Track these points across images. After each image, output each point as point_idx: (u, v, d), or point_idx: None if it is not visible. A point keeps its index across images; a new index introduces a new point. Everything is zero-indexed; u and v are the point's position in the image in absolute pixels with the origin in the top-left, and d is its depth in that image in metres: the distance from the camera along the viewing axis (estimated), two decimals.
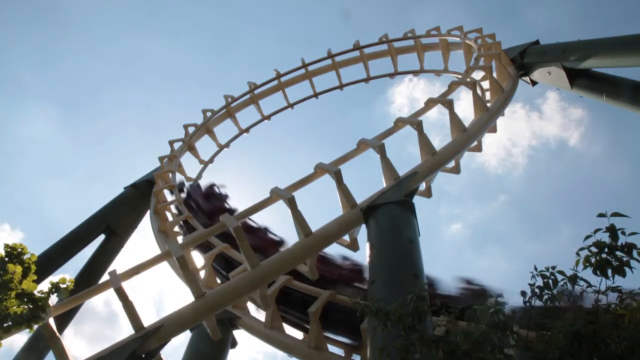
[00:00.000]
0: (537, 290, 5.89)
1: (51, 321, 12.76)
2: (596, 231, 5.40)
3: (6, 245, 9.25)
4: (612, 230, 5.34)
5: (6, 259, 9.11)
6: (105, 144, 64.76)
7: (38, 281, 9.39)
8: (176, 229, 22.94)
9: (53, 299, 9.91)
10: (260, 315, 17.78)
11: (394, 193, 14.34)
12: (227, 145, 32.46)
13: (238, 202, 28.23)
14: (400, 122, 16.51)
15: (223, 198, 27.40)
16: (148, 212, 25.40)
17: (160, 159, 27.56)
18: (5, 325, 9.06)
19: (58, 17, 58.94)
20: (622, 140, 54.94)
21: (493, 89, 21.42)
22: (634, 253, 5.31)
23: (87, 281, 20.71)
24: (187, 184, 27.92)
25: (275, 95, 33.39)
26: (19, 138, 56.96)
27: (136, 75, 64.89)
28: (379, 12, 63.61)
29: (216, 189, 28.01)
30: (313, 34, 64.77)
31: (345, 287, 17.34)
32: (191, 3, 64.83)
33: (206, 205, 25.43)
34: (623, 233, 5.33)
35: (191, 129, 30.57)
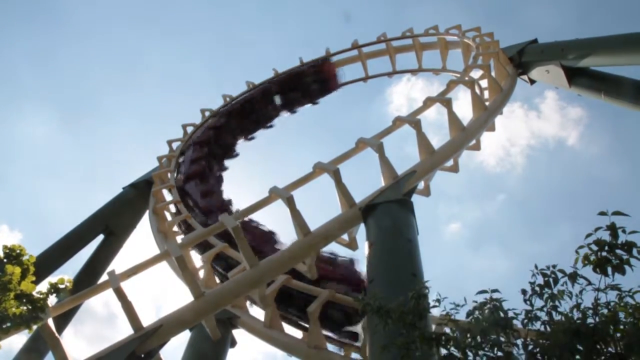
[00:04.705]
0: (537, 288, 5.89)
1: (50, 322, 12.73)
2: (597, 229, 5.41)
3: (4, 247, 9.24)
4: (612, 229, 5.35)
5: (5, 260, 9.09)
6: (104, 145, 64.77)
7: (37, 282, 9.37)
8: (175, 228, 22.94)
9: (52, 300, 9.89)
10: (260, 314, 17.79)
11: (393, 192, 14.34)
12: None
13: (237, 201, 28.15)
14: (398, 121, 16.51)
15: None
16: (147, 212, 25.41)
17: (159, 158, 27.55)
18: (4, 326, 9.04)
19: (57, 18, 58.94)
20: (621, 139, 55.05)
21: (491, 88, 21.42)
22: (634, 251, 5.33)
23: (86, 281, 20.68)
24: None
25: None
26: (17, 139, 56.90)
27: (135, 76, 64.89)
28: (377, 11, 63.67)
29: None
30: (313, 34, 64.79)
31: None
32: (190, 3, 64.77)
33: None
34: (623, 231, 5.35)
35: (190, 129, 30.53)
